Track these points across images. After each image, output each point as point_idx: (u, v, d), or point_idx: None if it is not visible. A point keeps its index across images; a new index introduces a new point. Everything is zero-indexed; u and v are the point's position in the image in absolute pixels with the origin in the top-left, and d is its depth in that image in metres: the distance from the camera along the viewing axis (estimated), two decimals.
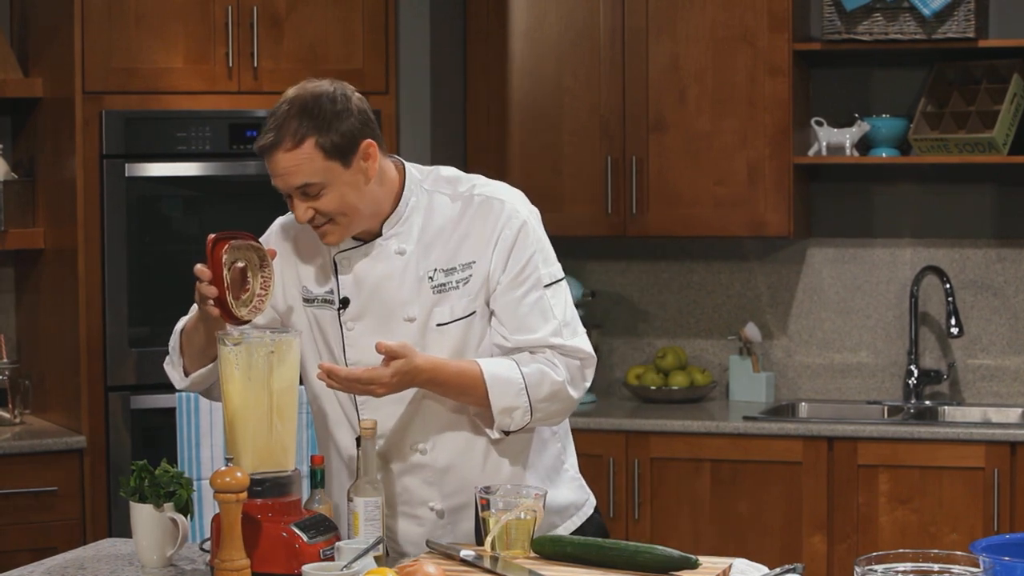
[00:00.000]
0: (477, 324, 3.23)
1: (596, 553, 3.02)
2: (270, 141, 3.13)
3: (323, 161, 3.12)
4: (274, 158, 3.14)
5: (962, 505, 4.97)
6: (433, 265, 3.21)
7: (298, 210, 3.17)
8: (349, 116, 3.15)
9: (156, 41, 4.98)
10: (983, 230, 5.51)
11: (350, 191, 3.15)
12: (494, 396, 3.16)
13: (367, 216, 3.20)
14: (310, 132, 3.11)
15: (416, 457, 3.26)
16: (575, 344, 3.22)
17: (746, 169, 5.38)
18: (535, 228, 3.26)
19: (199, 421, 4.45)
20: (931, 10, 5.19)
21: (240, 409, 3.05)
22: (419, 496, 3.27)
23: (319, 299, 3.27)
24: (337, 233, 3.19)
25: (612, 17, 5.47)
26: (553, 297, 3.23)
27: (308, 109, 3.13)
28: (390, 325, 3.21)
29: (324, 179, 3.12)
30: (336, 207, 3.15)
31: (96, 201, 4.92)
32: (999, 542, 2.61)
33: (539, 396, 3.18)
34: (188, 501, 3.08)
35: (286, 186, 3.16)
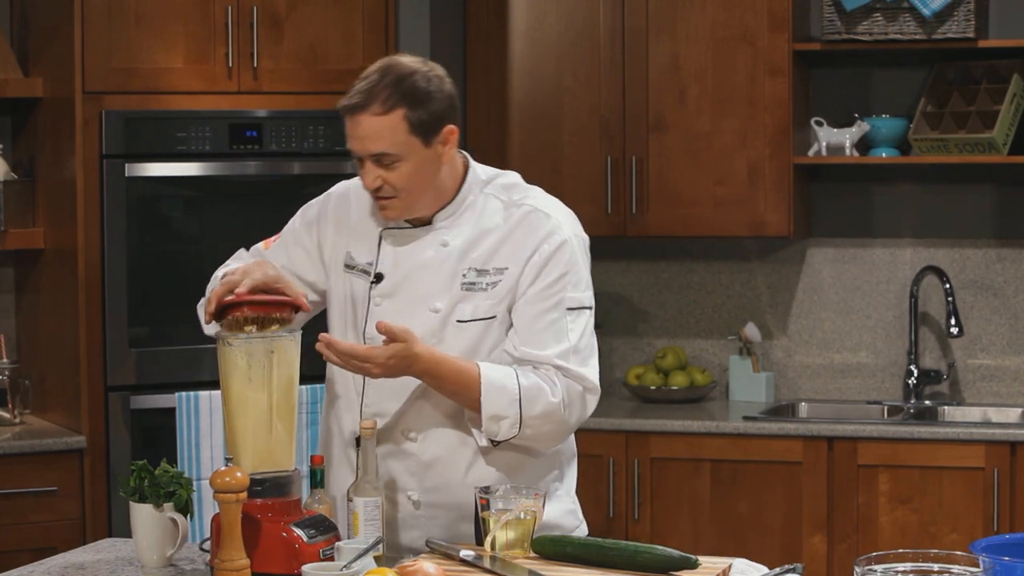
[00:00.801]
0: (495, 329, 3.24)
1: (596, 553, 3.02)
2: (358, 102, 3.15)
3: (406, 135, 3.14)
4: (358, 119, 3.15)
5: (962, 505, 4.97)
6: (469, 264, 3.24)
7: (367, 176, 3.18)
8: (440, 97, 3.18)
9: (156, 41, 4.98)
10: (983, 230, 5.51)
11: (422, 170, 3.17)
12: (486, 401, 3.16)
13: (428, 199, 3.23)
14: (401, 103, 3.13)
15: (405, 444, 3.26)
16: (580, 371, 3.21)
17: (746, 169, 5.38)
18: (575, 250, 3.27)
19: (199, 421, 4.46)
20: (931, 10, 5.19)
21: (240, 409, 3.05)
22: (400, 482, 3.27)
23: (359, 268, 3.31)
24: (397, 209, 3.21)
25: (612, 17, 5.47)
26: (572, 322, 3.23)
27: (402, 81, 3.15)
28: (415, 311, 3.23)
29: (402, 152, 3.15)
30: (404, 182, 3.17)
31: (96, 201, 4.92)
32: (999, 542, 2.61)
33: (531, 412, 3.17)
34: (188, 501, 3.09)
35: (363, 150, 3.17)
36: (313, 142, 5.15)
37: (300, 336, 3.15)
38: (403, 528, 3.27)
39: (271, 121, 5.10)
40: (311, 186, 5.16)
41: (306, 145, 5.15)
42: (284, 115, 5.11)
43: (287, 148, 5.13)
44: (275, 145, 5.11)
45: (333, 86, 5.17)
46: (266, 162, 5.12)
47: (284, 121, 5.11)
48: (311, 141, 5.15)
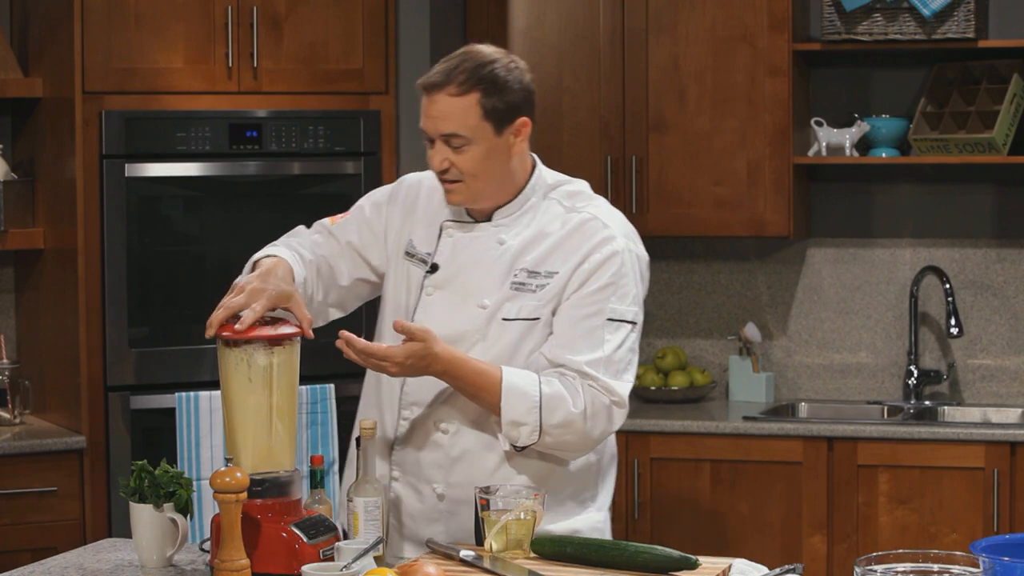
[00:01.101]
0: (537, 331, 3.24)
1: (596, 553, 3.02)
2: (437, 80, 3.18)
3: (478, 119, 3.17)
4: (434, 98, 3.19)
5: (962, 505, 4.97)
6: (522, 264, 3.25)
7: (435, 157, 3.21)
8: (517, 88, 3.22)
9: (156, 41, 4.98)
10: (983, 230, 5.51)
11: (490, 158, 3.20)
12: (506, 406, 3.17)
13: (494, 190, 3.25)
14: (476, 88, 3.17)
15: (436, 435, 3.27)
16: (609, 383, 3.20)
17: (746, 169, 5.38)
18: (626, 263, 3.26)
19: (199, 421, 4.45)
20: (931, 10, 5.19)
21: (240, 409, 3.05)
22: (427, 474, 3.28)
23: (418, 256, 3.34)
24: (462, 194, 3.23)
25: (612, 17, 5.47)
26: (611, 333, 3.22)
27: (482, 67, 3.18)
28: (464, 305, 3.26)
29: (472, 136, 3.18)
30: (471, 168, 3.19)
31: (96, 201, 4.92)
32: (999, 542, 2.61)
33: (551, 420, 3.17)
34: (188, 501, 3.09)
35: (434, 129, 3.20)
36: (313, 142, 5.15)
37: (300, 338, 3.15)
38: (424, 520, 3.28)
39: (271, 121, 5.11)
40: (311, 186, 5.18)
41: (306, 145, 5.15)
42: (284, 115, 5.11)
43: (287, 148, 5.13)
44: (275, 145, 5.11)
45: (333, 86, 5.18)
46: (266, 162, 5.12)
47: (284, 121, 5.11)
48: (311, 141, 5.15)
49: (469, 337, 3.24)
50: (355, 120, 5.20)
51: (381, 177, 5.24)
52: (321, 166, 5.17)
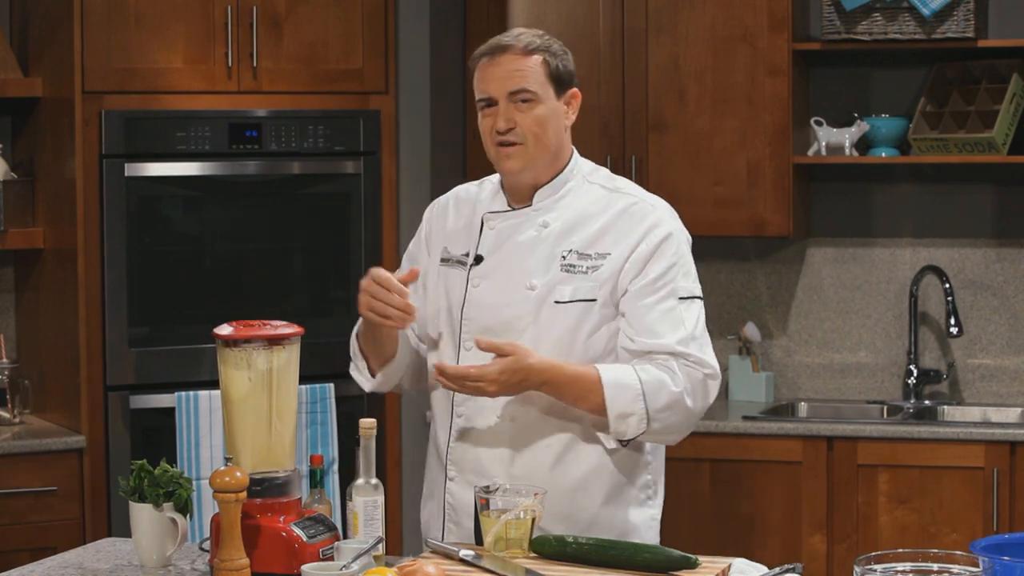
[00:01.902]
0: (596, 312, 3.25)
1: (596, 553, 3.02)
2: (506, 43, 3.26)
3: (544, 78, 3.26)
4: (500, 60, 3.25)
5: (962, 505, 4.97)
6: (569, 246, 3.28)
7: (500, 118, 3.25)
8: (568, 60, 3.32)
9: (156, 41, 4.98)
10: (983, 230, 5.51)
11: (551, 120, 3.27)
12: (610, 400, 3.17)
13: (546, 160, 3.30)
14: (542, 50, 3.26)
15: (497, 428, 3.27)
16: (701, 356, 3.24)
17: (746, 169, 5.38)
18: (680, 242, 3.32)
19: (198, 421, 4.46)
20: (930, 10, 5.19)
21: (240, 409, 3.05)
22: (487, 469, 3.28)
23: (454, 259, 3.37)
24: (520, 158, 3.28)
25: (612, 17, 5.47)
26: (686, 310, 3.27)
27: (541, 36, 3.29)
28: (512, 289, 3.27)
29: (539, 93, 3.25)
30: (535, 127, 3.25)
31: (96, 201, 4.92)
32: (999, 542, 2.61)
33: (656, 405, 3.19)
34: (187, 501, 3.08)
35: (502, 89, 3.25)
36: (313, 142, 5.15)
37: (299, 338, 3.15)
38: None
39: (271, 121, 5.11)
40: (311, 186, 5.18)
41: (306, 145, 5.15)
42: (284, 115, 5.11)
43: (287, 148, 5.13)
44: (275, 145, 5.11)
45: (333, 86, 5.18)
46: (266, 162, 5.12)
47: (284, 121, 5.11)
48: (311, 141, 5.15)
49: (520, 321, 3.25)
50: (355, 120, 5.20)
51: (381, 177, 5.24)
52: (321, 166, 5.18)
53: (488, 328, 3.26)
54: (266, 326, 3.09)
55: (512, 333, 3.24)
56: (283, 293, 5.15)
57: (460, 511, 3.31)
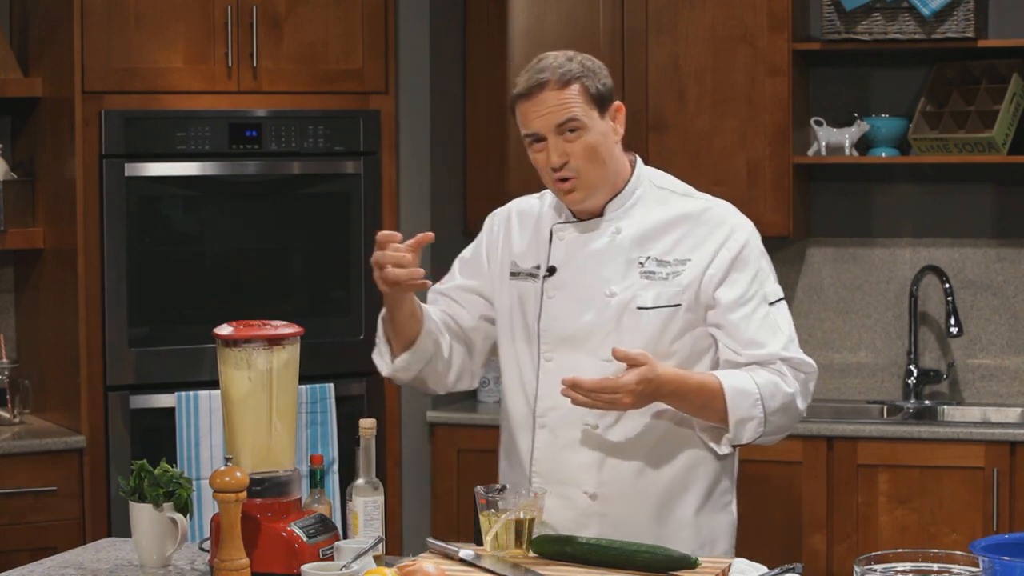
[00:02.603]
0: (680, 317, 3.26)
1: (596, 553, 3.02)
2: (541, 80, 3.25)
3: (586, 104, 3.25)
4: (540, 98, 3.24)
5: (962, 505, 4.97)
6: (648, 253, 3.29)
7: (552, 153, 3.25)
8: (604, 75, 3.33)
9: (156, 41, 4.98)
10: (983, 230, 5.51)
11: (602, 142, 3.27)
12: (732, 407, 3.19)
13: (608, 179, 3.30)
14: (577, 76, 3.26)
15: (583, 435, 3.27)
16: (802, 357, 3.28)
17: (746, 169, 5.38)
18: (758, 246, 3.35)
19: (198, 421, 4.46)
20: (930, 10, 5.19)
21: (240, 409, 3.05)
22: (574, 477, 3.27)
23: (524, 272, 3.37)
24: (580, 191, 3.28)
25: (612, 17, 5.46)
26: (778, 314, 3.30)
27: (570, 60, 3.28)
28: (591, 297, 3.27)
29: (586, 120, 3.25)
30: (588, 155, 3.24)
31: (96, 201, 4.92)
32: (999, 542, 2.61)
33: (772, 408, 3.22)
34: (187, 501, 3.09)
35: (548, 124, 3.25)
36: (313, 142, 5.15)
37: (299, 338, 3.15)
38: (575, 526, 3.26)
39: (271, 121, 5.11)
40: (311, 186, 5.18)
41: (306, 145, 5.15)
42: (284, 115, 5.11)
43: (287, 148, 5.13)
44: (275, 145, 5.11)
45: (333, 86, 5.18)
46: (266, 162, 5.12)
47: (284, 121, 5.11)
48: (311, 141, 5.15)
49: (601, 328, 3.26)
50: (355, 120, 5.20)
51: (381, 177, 5.24)
52: (321, 166, 5.17)
53: (567, 338, 3.27)
54: (266, 326, 3.09)
55: (592, 341, 3.25)
56: (283, 293, 5.15)
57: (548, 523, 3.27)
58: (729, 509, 3.41)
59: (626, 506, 3.26)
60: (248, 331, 3.06)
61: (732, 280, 3.28)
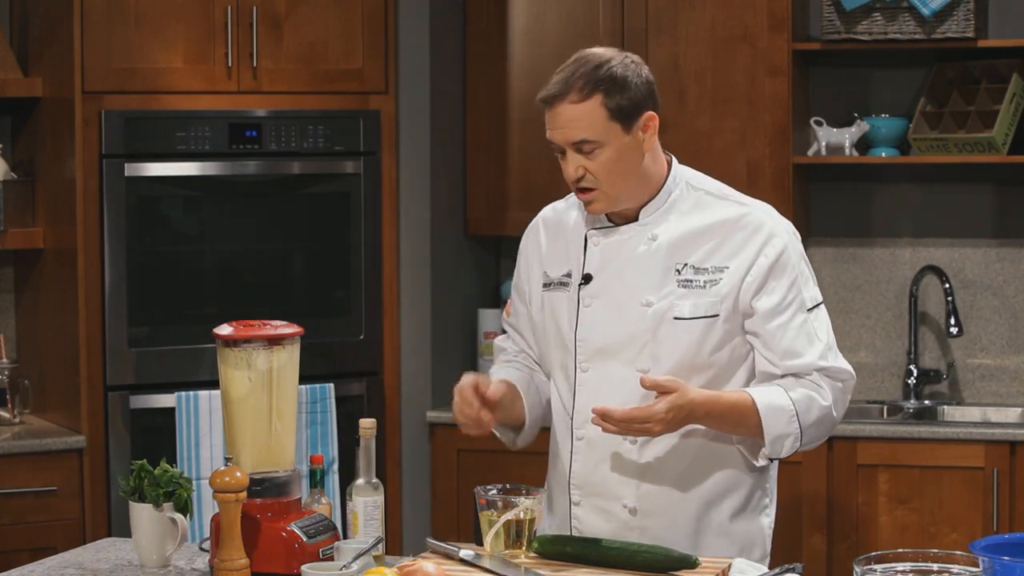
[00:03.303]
0: (719, 327, 3.20)
1: (596, 553, 3.02)
2: (556, 91, 3.15)
3: (605, 121, 3.14)
4: (557, 109, 3.15)
5: (962, 505, 4.97)
6: (685, 260, 3.22)
7: (569, 166, 3.18)
8: (637, 83, 3.19)
9: (156, 41, 4.98)
10: (982, 230, 5.51)
11: (623, 158, 3.17)
12: (768, 425, 3.15)
13: (632, 190, 3.21)
14: (598, 90, 3.14)
15: (622, 449, 3.22)
16: (839, 366, 3.23)
17: (746, 169, 5.38)
18: (797, 250, 3.27)
19: (198, 421, 4.46)
20: (930, 10, 5.19)
21: (240, 409, 3.05)
22: (614, 491, 3.23)
23: (555, 282, 3.30)
24: (601, 202, 3.20)
25: (612, 17, 5.46)
26: (816, 320, 3.23)
27: (598, 68, 3.15)
28: (627, 307, 3.21)
29: (602, 138, 3.14)
30: (606, 171, 3.16)
31: (96, 201, 4.92)
32: (999, 542, 2.61)
33: (808, 422, 3.18)
34: (187, 501, 3.09)
35: (564, 139, 3.17)
36: (313, 142, 5.15)
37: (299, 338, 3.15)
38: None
39: (271, 121, 5.11)
40: (311, 186, 5.18)
41: (306, 145, 5.15)
42: (284, 115, 5.12)
43: (287, 148, 5.13)
44: (275, 145, 5.11)
45: (333, 86, 5.18)
46: (266, 162, 5.12)
47: (284, 121, 5.11)
48: (311, 141, 5.15)
49: (639, 339, 3.19)
50: (355, 120, 5.20)
51: (381, 177, 5.24)
52: (321, 166, 5.18)
53: (602, 348, 3.21)
54: (266, 326, 3.09)
55: (629, 351, 3.20)
56: (283, 293, 5.15)
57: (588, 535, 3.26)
58: (766, 513, 3.33)
59: (666, 520, 3.21)
60: (248, 331, 3.06)
61: (770, 288, 3.20)
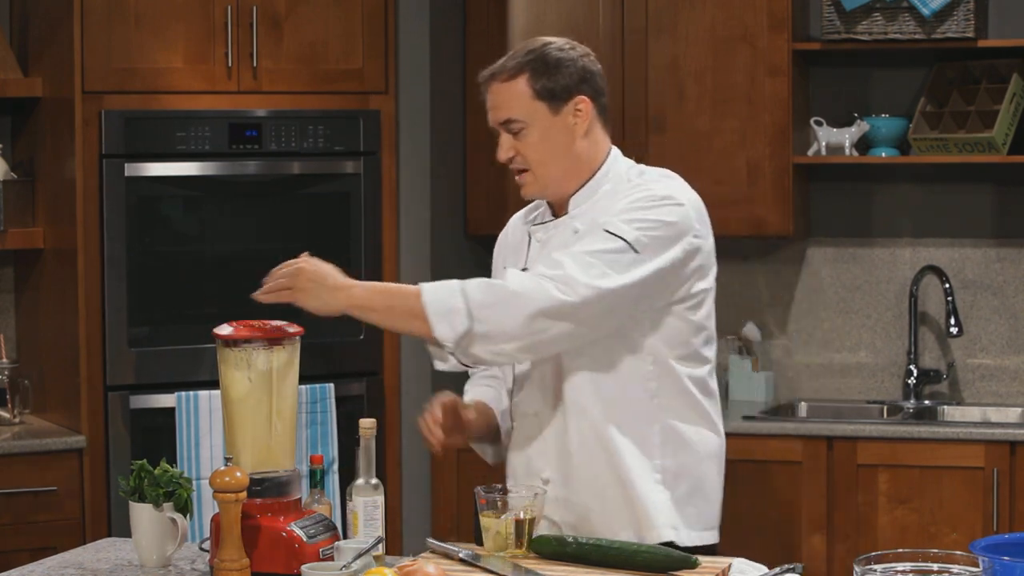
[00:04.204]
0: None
1: (596, 553, 3.02)
2: (489, 72, 3.22)
3: (530, 100, 3.19)
4: (490, 89, 3.22)
5: (962, 505, 4.97)
6: None
7: (501, 147, 3.23)
8: (570, 67, 3.22)
9: (156, 41, 4.98)
10: (982, 230, 5.51)
11: (550, 139, 3.20)
12: (429, 300, 3.06)
13: (562, 174, 3.23)
14: (524, 69, 3.19)
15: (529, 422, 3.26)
16: (557, 270, 3.08)
17: (746, 169, 5.38)
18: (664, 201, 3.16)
19: (198, 421, 4.46)
20: (930, 10, 5.19)
21: (240, 409, 3.05)
22: (535, 466, 3.26)
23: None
24: (533, 184, 3.24)
25: (612, 17, 5.47)
26: (594, 238, 3.12)
27: (532, 51, 3.21)
28: None
29: (527, 118, 3.19)
30: (534, 151, 3.19)
31: (96, 201, 4.92)
32: (999, 542, 2.61)
33: (477, 298, 3.05)
34: (187, 501, 3.09)
35: (494, 119, 3.23)
36: (313, 142, 5.15)
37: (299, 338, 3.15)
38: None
39: (271, 121, 5.11)
40: (311, 186, 5.18)
41: (306, 145, 5.15)
42: (284, 115, 5.12)
43: (287, 148, 5.13)
44: (275, 145, 5.12)
45: (333, 86, 5.18)
46: (266, 162, 5.12)
47: (284, 121, 5.11)
48: (311, 141, 5.15)
49: None
50: (355, 120, 5.20)
51: (381, 177, 5.24)
52: (321, 166, 5.18)
53: None
54: (266, 326, 3.09)
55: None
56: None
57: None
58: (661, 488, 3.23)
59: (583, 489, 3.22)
60: (248, 331, 3.06)
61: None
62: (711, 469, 3.31)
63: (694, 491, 3.28)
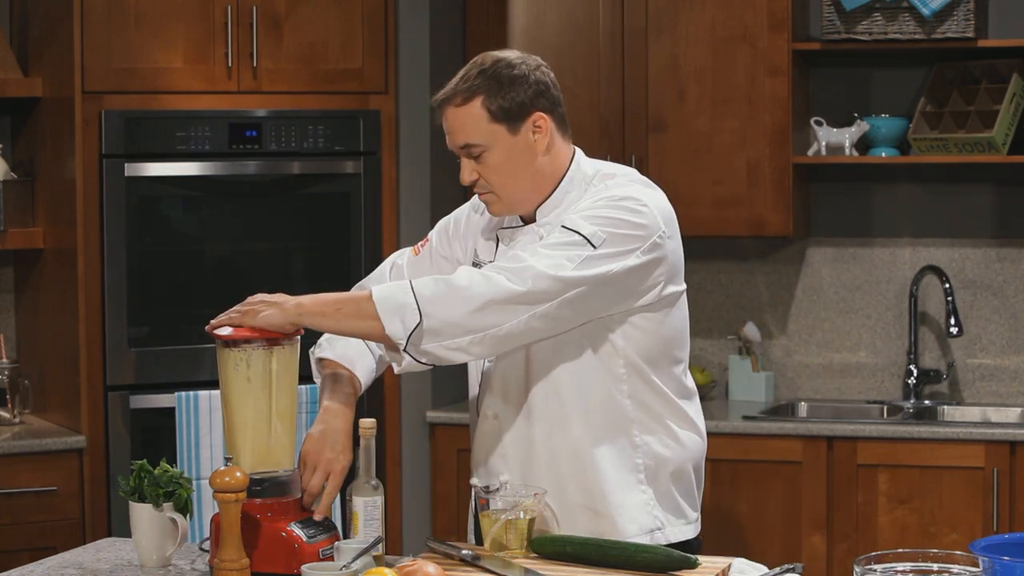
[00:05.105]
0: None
1: (596, 553, 3.02)
2: (442, 96, 3.17)
3: (488, 123, 3.13)
4: (446, 114, 3.17)
5: (962, 505, 4.98)
6: None
7: (463, 171, 3.18)
8: (523, 84, 3.16)
9: (156, 41, 4.98)
10: (982, 230, 5.51)
11: (512, 160, 3.15)
12: (378, 296, 3.02)
13: (528, 191, 3.19)
14: (478, 92, 3.13)
15: (487, 424, 3.26)
16: (510, 263, 3.06)
17: (746, 169, 5.38)
18: (625, 201, 3.11)
19: (199, 421, 4.45)
20: (930, 10, 5.19)
21: (240, 409, 3.05)
22: (495, 468, 3.26)
23: (483, 264, 3.26)
24: (498, 204, 3.20)
25: (612, 17, 5.47)
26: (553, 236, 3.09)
27: (484, 71, 3.15)
28: None
29: (487, 141, 3.13)
30: (497, 174, 3.15)
31: (96, 201, 4.92)
32: (999, 542, 2.61)
33: (425, 294, 3.01)
34: (187, 501, 3.09)
35: (452, 144, 3.18)
36: (313, 142, 5.15)
37: (299, 338, 3.15)
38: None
39: (271, 121, 5.11)
40: (311, 186, 5.18)
41: (306, 145, 5.15)
42: (284, 115, 5.12)
43: (287, 148, 5.13)
44: (275, 145, 5.12)
45: (333, 86, 5.18)
46: (266, 162, 5.12)
47: (284, 121, 5.12)
48: (311, 141, 5.15)
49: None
50: (355, 120, 5.20)
51: (381, 177, 5.24)
52: (321, 166, 5.18)
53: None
54: None
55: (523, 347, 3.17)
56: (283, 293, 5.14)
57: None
58: (641, 489, 3.23)
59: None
60: (248, 331, 3.06)
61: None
62: (691, 466, 3.33)
63: (674, 487, 3.30)
